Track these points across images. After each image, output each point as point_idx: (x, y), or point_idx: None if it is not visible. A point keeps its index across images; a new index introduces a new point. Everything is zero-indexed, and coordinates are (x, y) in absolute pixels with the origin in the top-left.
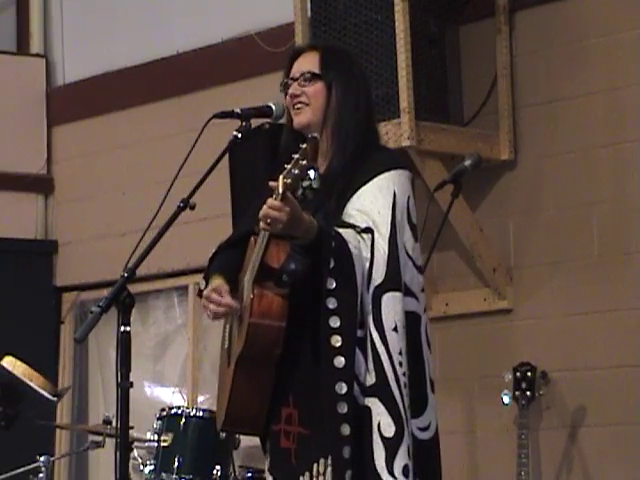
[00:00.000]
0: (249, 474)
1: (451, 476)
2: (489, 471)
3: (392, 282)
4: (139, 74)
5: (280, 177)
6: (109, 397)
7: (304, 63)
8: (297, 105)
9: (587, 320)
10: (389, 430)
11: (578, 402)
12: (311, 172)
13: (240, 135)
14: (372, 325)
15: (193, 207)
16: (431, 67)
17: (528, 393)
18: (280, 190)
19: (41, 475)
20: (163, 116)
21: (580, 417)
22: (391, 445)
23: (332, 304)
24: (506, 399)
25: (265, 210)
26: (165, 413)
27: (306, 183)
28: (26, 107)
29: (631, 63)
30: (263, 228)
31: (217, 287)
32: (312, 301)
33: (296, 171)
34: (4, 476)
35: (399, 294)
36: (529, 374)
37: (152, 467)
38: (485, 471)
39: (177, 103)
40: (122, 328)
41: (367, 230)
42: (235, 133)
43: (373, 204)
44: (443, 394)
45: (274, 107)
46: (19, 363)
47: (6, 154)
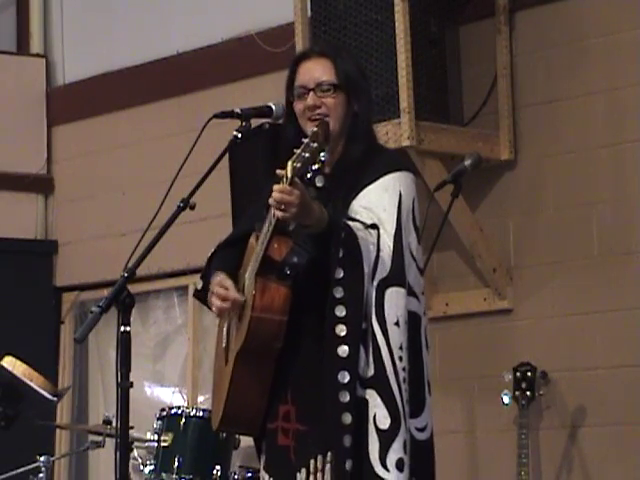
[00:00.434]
0: (249, 474)
1: (451, 476)
2: (489, 471)
3: (396, 277)
4: (139, 74)
5: (289, 162)
6: (109, 397)
7: (317, 71)
8: (316, 117)
9: (587, 320)
10: (384, 422)
11: (578, 402)
12: (322, 154)
13: (240, 135)
14: (374, 318)
15: (193, 207)
16: (431, 67)
17: (528, 393)
18: (289, 174)
19: (41, 475)
20: (163, 116)
21: (580, 417)
22: (385, 438)
23: (339, 293)
24: (506, 399)
25: (276, 195)
26: (165, 413)
27: (316, 166)
28: (26, 107)
29: (631, 63)
30: (277, 215)
31: (221, 281)
32: (316, 295)
33: (306, 154)
34: (4, 476)
35: (403, 290)
36: (529, 374)
37: (152, 467)
38: (485, 471)
39: (177, 103)
40: (122, 328)
41: (373, 226)
42: (235, 133)
43: (379, 202)
44: (443, 394)
45: (274, 107)
46: (19, 363)
47: (6, 154)
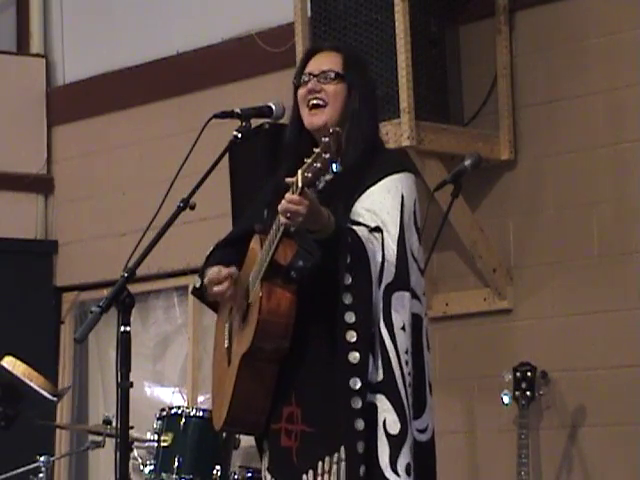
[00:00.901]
0: (249, 474)
1: (451, 476)
2: (489, 471)
3: (401, 282)
4: (139, 74)
5: (299, 171)
6: (109, 397)
7: (324, 62)
8: (314, 101)
9: (587, 320)
10: (394, 427)
11: (578, 402)
12: (334, 166)
13: (240, 135)
14: (382, 323)
15: (193, 207)
16: (431, 67)
17: (528, 393)
18: (299, 184)
19: (41, 475)
20: (163, 116)
21: (580, 417)
22: (395, 443)
23: (348, 300)
24: (506, 399)
25: (284, 204)
26: (165, 413)
27: (328, 177)
28: (26, 107)
29: (631, 63)
30: (283, 223)
31: (211, 274)
32: (321, 298)
33: (318, 165)
34: (4, 476)
35: (408, 294)
36: (529, 374)
37: (152, 467)
38: (485, 471)
39: (177, 103)
40: (122, 328)
41: (377, 229)
42: (235, 133)
43: (382, 204)
44: (443, 394)
45: (274, 107)
46: (19, 363)
47: (6, 154)
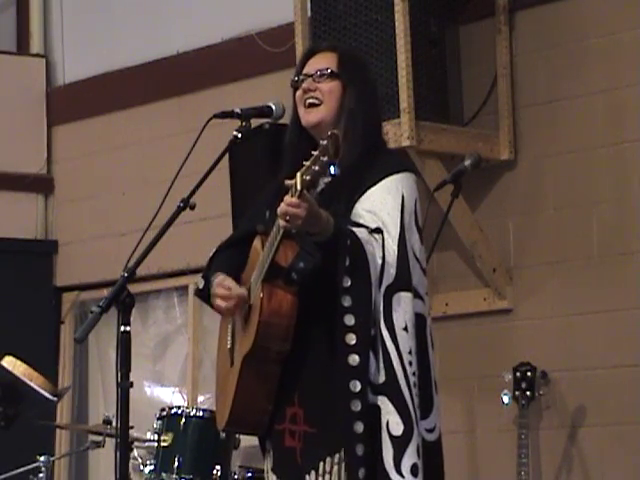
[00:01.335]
0: (249, 474)
1: (451, 476)
2: (489, 471)
3: (402, 282)
4: (139, 74)
5: (297, 174)
6: (109, 397)
7: (320, 61)
8: (309, 100)
9: (587, 320)
10: (397, 429)
11: (578, 402)
12: (332, 168)
13: (240, 135)
14: (383, 324)
15: (193, 207)
16: (431, 67)
17: (528, 393)
18: (298, 187)
19: (41, 475)
20: (163, 116)
21: (580, 417)
22: (399, 444)
23: (347, 302)
24: (506, 399)
25: (283, 207)
26: (165, 413)
27: (326, 180)
28: (26, 107)
29: (631, 63)
30: (282, 226)
31: (221, 282)
32: (322, 300)
33: (316, 167)
34: (4, 476)
35: (409, 294)
36: (529, 374)
37: (152, 467)
38: (485, 471)
39: (177, 103)
40: (122, 328)
41: (377, 230)
42: (235, 133)
43: (382, 205)
44: (443, 394)
45: (274, 107)
46: (19, 363)
47: (6, 154)
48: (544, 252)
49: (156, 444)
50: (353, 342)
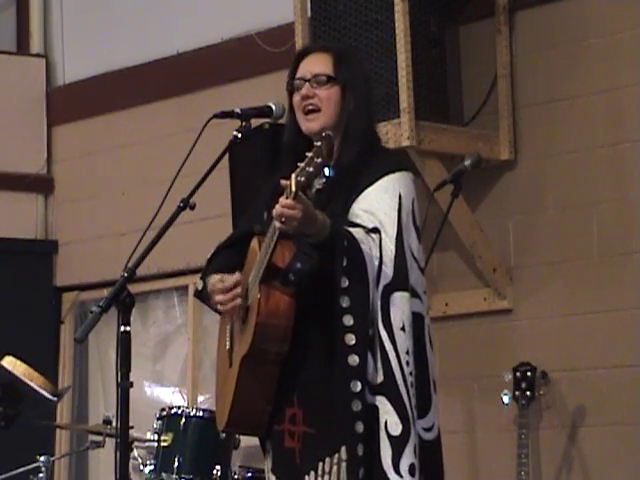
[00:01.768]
0: (249, 474)
1: (451, 476)
2: (489, 471)
3: (400, 282)
4: (139, 74)
5: (292, 175)
6: (109, 397)
7: (315, 64)
8: (309, 107)
9: (587, 320)
10: (396, 429)
11: (578, 402)
12: (326, 170)
13: (240, 135)
14: (381, 324)
15: (193, 207)
16: (431, 67)
17: (528, 393)
18: (293, 188)
19: (41, 475)
20: (163, 116)
21: (580, 417)
22: (398, 444)
23: (345, 302)
24: (506, 399)
25: (279, 209)
26: (165, 413)
27: (321, 181)
28: (26, 107)
29: (631, 63)
30: (278, 227)
31: (215, 282)
32: (320, 301)
33: (310, 169)
34: (4, 476)
35: (407, 294)
36: (529, 374)
37: (152, 467)
38: (485, 471)
39: (177, 103)
40: (122, 328)
41: (374, 230)
42: (235, 133)
43: (379, 205)
44: (443, 394)
45: (274, 107)
46: (19, 363)
47: (6, 154)
48: (544, 252)
49: (156, 444)
50: (353, 342)
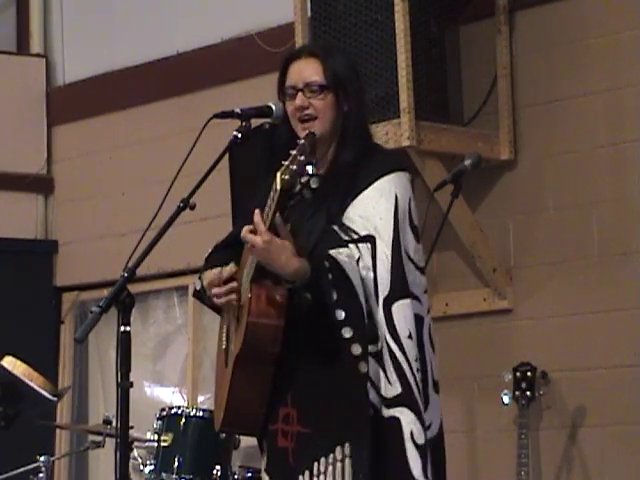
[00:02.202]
0: (249, 474)
1: (451, 476)
2: (489, 471)
3: (399, 290)
4: (139, 74)
5: (277, 174)
6: (109, 397)
7: (306, 72)
8: (305, 117)
9: (587, 320)
10: (421, 438)
11: (578, 402)
12: (309, 167)
13: (240, 135)
14: (389, 336)
15: (193, 207)
16: (431, 67)
17: (528, 393)
18: (278, 187)
19: (41, 475)
20: (163, 116)
21: (580, 417)
22: (424, 452)
23: (348, 333)
24: (506, 399)
25: (244, 234)
26: (165, 413)
27: (304, 179)
28: (26, 107)
29: (631, 63)
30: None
31: (212, 275)
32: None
33: (294, 167)
34: (4, 476)
35: (408, 300)
36: (529, 374)
37: (152, 467)
38: (485, 471)
39: (177, 103)
40: (122, 328)
41: (367, 238)
42: (235, 133)
43: (375, 209)
44: (443, 394)
45: (274, 107)
46: (19, 363)
47: (6, 154)
48: (544, 252)
49: (156, 444)
50: (359, 352)
